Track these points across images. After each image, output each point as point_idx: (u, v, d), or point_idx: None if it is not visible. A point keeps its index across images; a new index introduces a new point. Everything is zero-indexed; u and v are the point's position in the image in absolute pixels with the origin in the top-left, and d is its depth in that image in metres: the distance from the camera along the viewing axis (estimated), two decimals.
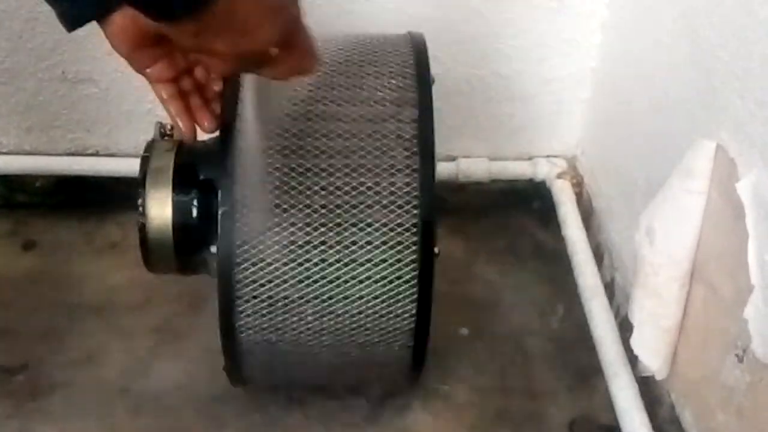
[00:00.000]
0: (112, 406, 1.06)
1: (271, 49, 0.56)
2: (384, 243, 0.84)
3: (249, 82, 0.86)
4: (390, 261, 0.85)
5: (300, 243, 0.83)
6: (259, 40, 0.53)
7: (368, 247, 0.84)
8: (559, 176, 1.35)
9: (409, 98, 0.89)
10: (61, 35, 1.22)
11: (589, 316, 1.13)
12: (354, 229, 0.84)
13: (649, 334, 0.93)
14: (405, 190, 0.84)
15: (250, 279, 0.84)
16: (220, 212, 0.82)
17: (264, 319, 0.86)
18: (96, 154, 1.35)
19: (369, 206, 0.84)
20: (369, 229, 0.84)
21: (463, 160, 1.35)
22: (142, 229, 0.85)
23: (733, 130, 0.80)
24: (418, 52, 0.93)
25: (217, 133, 0.84)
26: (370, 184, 0.84)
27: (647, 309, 0.92)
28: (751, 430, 0.79)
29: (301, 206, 0.83)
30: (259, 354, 0.90)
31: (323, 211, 0.83)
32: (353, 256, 0.84)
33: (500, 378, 1.12)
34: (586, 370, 1.11)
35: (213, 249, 0.83)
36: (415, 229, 0.84)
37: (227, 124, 0.84)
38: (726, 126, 0.82)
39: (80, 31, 1.20)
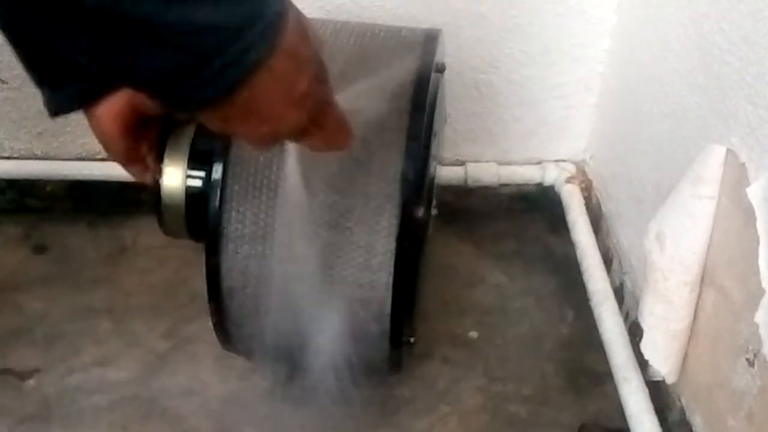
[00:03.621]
0: (123, 411, 1.06)
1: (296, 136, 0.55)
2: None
3: None
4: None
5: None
6: (285, 125, 0.51)
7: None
8: (568, 181, 1.35)
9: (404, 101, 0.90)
10: None
11: (598, 321, 1.13)
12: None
13: (660, 339, 0.93)
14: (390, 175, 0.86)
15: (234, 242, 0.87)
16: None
17: (246, 274, 0.88)
18: (106, 159, 1.34)
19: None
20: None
21: (472, 164, 1.35)
22: (158, 194, 0.89)
23: (744, 134, 0.80)
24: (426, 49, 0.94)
25: None
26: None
27: (657, 313, 0.92)
28: None
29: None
30: (240, 307, 0.92)
31: None
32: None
33: (509, 382, 1.12)
34: (596, 375, 1.11)
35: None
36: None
37: None
38: (736, 131, 0.82)
39: None
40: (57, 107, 0.79)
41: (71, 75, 0.78)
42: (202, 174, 0.88)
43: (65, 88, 0.77)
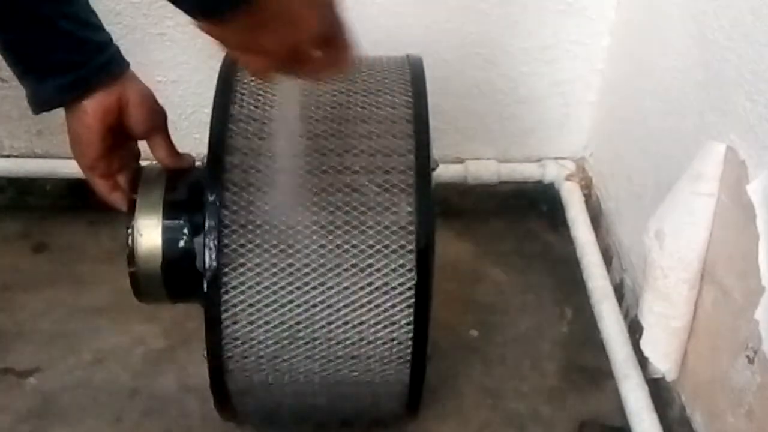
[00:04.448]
0: (122, 409, 1.06)
1: (312, 49, 0.58)
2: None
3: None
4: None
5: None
6: (303, 31, 0.54)
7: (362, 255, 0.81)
8: (568, 178, 1.35)
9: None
10: None
11: (598, 318, 1.13)
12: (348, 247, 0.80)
13: (659, 336, 0.93)
14: (401, 225, 0.81)
15: (237, 300, 0.82)
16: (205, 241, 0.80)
17: (251, 345, 0.85)
18: None
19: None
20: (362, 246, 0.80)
21: (472, 162, 1.35)
22: (131, 261, 0.83)
23: (743, 132, 0.80)
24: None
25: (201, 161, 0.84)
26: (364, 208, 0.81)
27: (657, 311, 0.92)
28: None
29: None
30: (247, 384, 0.88)
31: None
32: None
33: (509, 380, 1.12)
34: (596, 372, 1.11)
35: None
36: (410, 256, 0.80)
37: (215, 158, 0.82)
38: (736, 128, 0.82)
39: None
40: (42, 101, 0.76)
41: (57, 65, 0.75)
42: (185, 230, 0.82)
43: (51, 79, 0.75)
